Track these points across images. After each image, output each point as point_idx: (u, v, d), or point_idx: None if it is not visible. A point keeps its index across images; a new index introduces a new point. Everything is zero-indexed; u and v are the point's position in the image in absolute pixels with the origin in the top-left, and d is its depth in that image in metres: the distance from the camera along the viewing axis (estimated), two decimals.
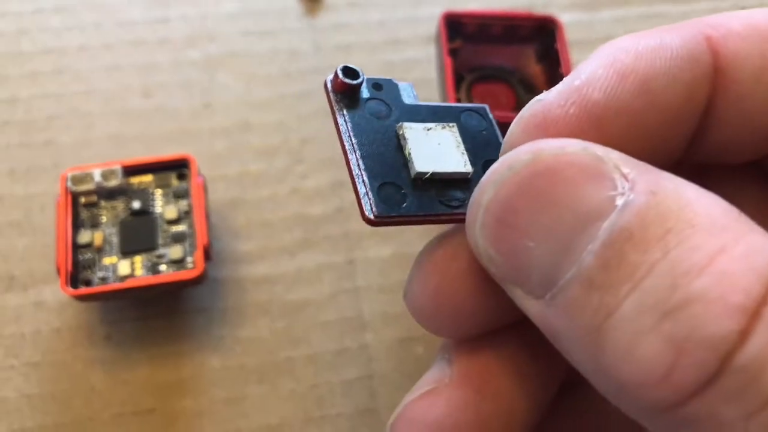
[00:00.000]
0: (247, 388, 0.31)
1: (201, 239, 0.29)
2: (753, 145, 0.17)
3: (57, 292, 0.31)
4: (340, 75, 0.17)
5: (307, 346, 0.31)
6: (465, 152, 0.18)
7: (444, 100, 0.31)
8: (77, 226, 0.30)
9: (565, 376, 0.19)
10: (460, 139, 0.18)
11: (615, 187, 0.14)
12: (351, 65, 0.18)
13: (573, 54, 0.38)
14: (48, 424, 0.29)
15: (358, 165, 0.16)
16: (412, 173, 0.17)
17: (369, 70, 0.37)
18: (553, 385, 0.19)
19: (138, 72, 0.37)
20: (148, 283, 0.28)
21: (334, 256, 0.33)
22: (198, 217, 0.29)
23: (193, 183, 0.30)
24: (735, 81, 0.16)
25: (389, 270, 0.33)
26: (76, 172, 0.30)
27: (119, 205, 0.30)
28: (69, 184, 0.30)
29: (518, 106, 0.33)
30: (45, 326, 0.31)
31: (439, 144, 0.18)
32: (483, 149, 0.18)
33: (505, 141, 0.16)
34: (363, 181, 0.16)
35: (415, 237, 0.34)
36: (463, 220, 0.16)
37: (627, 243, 0.13)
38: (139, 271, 0.29)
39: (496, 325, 0.18)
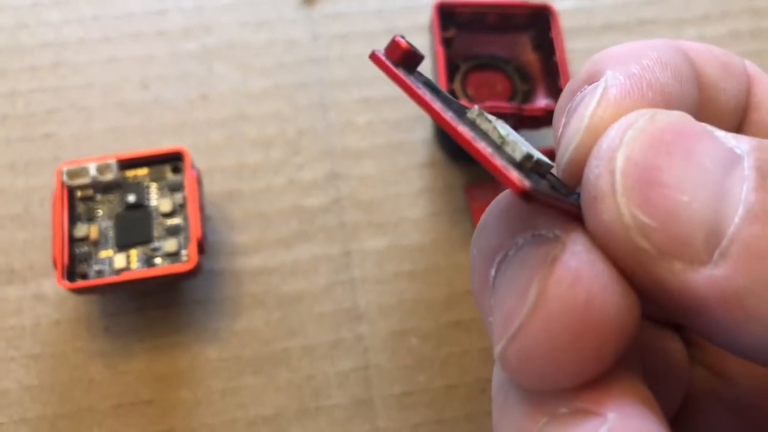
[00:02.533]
0: (243, 378, 0.31)
1: (195, 232, 0.29)
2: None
3: (56, 285, 0.32)
4: (405, 42, 0.14)
5: (303, 337, 0.32)
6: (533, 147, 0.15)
7: None
8: (74, 219, 0.30)
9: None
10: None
11: (726, 142, 0.14)
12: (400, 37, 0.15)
13: (574, 41, 0.38)
14: (48, 415, 0.30)
15: (474, 136, 0.13)
16: (518, 156, 0.14)
17: (366, 60, 0.37)
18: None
19: (136, 64, 0.37)
20: (142, 276, 0.29)
21: (330, 247, 0.33)
22: (192, 211, 0.30)
23: (188, 176, 0.30)
24: (705, 86, 0.17)
25: (385, 261, 0.33)
26: (72, 167, 0.30)
27: (115, 198, 0.31)
28: (65, 178, 0.30)
29: (514, 95, 0.33)
30: (45, 318, 0.31)
31: (514, 133, 0.15)
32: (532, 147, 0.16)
33: (589, 127, 0.15)
34: (493, 152, 0.13)
35: (411, 228, 0.34)
36: (578, 217, 0.14)
37: None
38: (135, 264, 0.30)
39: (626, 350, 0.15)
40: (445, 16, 0.32)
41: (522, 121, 0.30)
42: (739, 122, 0.19)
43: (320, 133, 0.36)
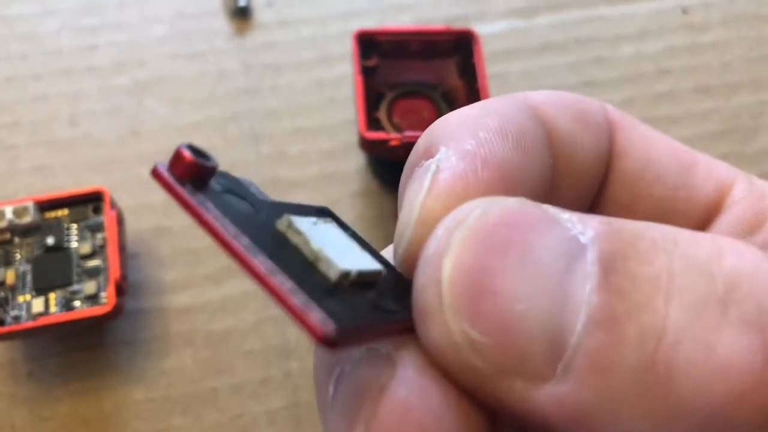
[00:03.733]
0: (170, 419, 0.30)
1: (114, 274, 0.29)
2: (573, 202, 0.17)
3: None
4: (189, 154, 0.12)
5: (231, 375, 0.31)
6: (360, 248, 0.14)
7: (358, 120, 0.31)
8: None
9: None
10: (347, 235, 0.14)
11: (570, 228, 0.12)
12: (196, 146, 0.13)
13: (510, 63, 0.38)
14: None
15: (270, 269, 0.11)
16: (333, 275, 0.12)
17: (300, 88, 0.37)
18: None
19: (65, 101, 0.37)
20: (60, 320, 0.28)
21: None
22: (111, 252, 0.29)
23: (107, 216, 0.30)
24: (558, 141, 0.16)
25: None
26: None
27: (34, 241, 0.30)
28: None
29: None
30: None
31: (333, 240, 0.14)
32: (357, 247, 0.14)
33: (419, 220, 0.14)
34: (293, 289, 0.11)
35: None
36: (407, 329, 0.13)
37: (627, 262, 0.11)
38: (54, 308, 0.29)
39: None
40: (367, 45, 0.32)
41: None
42: (601, 175, 0.18)
43: (252, 164, 0.35)
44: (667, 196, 0.18)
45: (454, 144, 0.14)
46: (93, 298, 0.29)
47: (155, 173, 0.12)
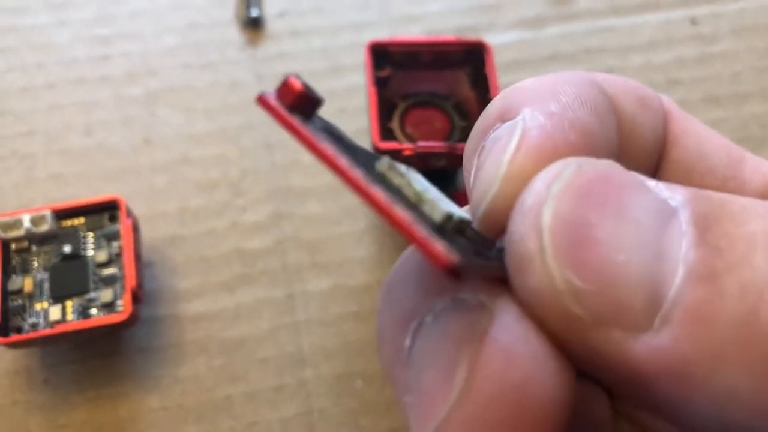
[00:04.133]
0: (185, 427, 0.31)
1: (129, 282, 0.29)
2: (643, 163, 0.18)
3: None
4: (299, 83, 0.12)
5: (245, 383, 0.31)
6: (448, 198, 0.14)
7: (372, 130, 0.31)
8: (8, 272, 0.30)
9: None
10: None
11: (659, 193, 0.12)
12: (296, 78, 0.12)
13: (518, 74, 0.38)
14: None
15: (389, 199, 0.11)
16: (438, 217, 0.12)
17: None
18: None
19: (79, 110, 0.37)
20: (77, 328, 0.28)
21: (274, 290, 0.33)
22: (127, 260, 0.29)
23: (123, 225, 0.30)
24: (621, 119, 0.16)
25: (329, 303, 0.33)
26: (5, 219, 0.30)
27: (51, 249, 0.30)
28: None
29: (452, 132, 0.33)
30: None
31: (429, 187, 0.13)
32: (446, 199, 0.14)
33: (508, 176, 0.14)
34: (417, 220, 0.11)
35: (356, 268, 0.34)
36: (502, 280, 0.13)
37: (721, 223, 0.12)
38: (70, 316, 0.29)
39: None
40: (379, 56, 0.32)
41: (455, 161, 0.30)
42: (657, 160, 0.18)
43: (264, 173, 0.36)
44: (718, 187, 0.17)
45: (539, 105, 0.14)
46: (109, 306, 0.29)
47: (262, 101, 0.12)
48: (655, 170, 0.18)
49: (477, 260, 0.12)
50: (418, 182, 0.12)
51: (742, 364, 0.11)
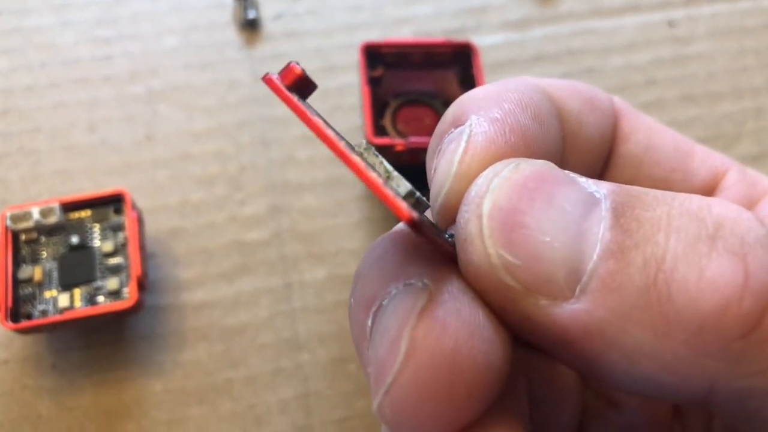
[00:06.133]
0: (187, 410, 0.32)
1: (135, 271, 0.30)
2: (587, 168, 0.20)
3: (2, 326, 0.33)
4: (299, 68, 0.15)
5: (245, 367, 0.33)
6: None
7: (365, 126, 0.33)
8: (18, 262, 0.31)
9: None
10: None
11: (587, 187, 0.15)
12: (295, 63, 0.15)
13: (504, 73, 0.40)
14: None
15: (364, 164, 0.14)
16: (403, 191, 0.15)
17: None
18: None
19: (83, 108, 0.38)
20: (85, 314, 0.30)
21: (271, 279, 0.35)
22: (132, 250, 0.31)
23: (128, 217, 0.32)
24: (567, 121, 0.18)
25: (325, 291, 0.34)
26: (15, 211, 0.31)
27: (59, 240, 0.32)
28: (8, 222, 0.31)
29: None
30: None
31: (394, 170, 0.15)
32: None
33: (457, 174, 0.16)
34: (384, 182, 0.14)
35: (350, 258, 0.35)
36: (454, 254, 0.15)
37: (634, 209, 0.14)
38: (78, 303, 0.31)
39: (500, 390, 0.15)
40: (372, 56, 0.34)
41: None
42: (605, 155, 0.20)
43: (262, 169, 0.37)
44: (665, 178, 0.20)
45: (483, 112, 0.17)
46: (115, 294, 0.31)
47: (267, 80, 0.15)
48: (605, 165, 0.20)
49: (433, 226, 0.15)
50: (389, 164, 0.15)
51: (644, 324, 0.13)
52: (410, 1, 0.42)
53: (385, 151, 0.32)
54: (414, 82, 0.35)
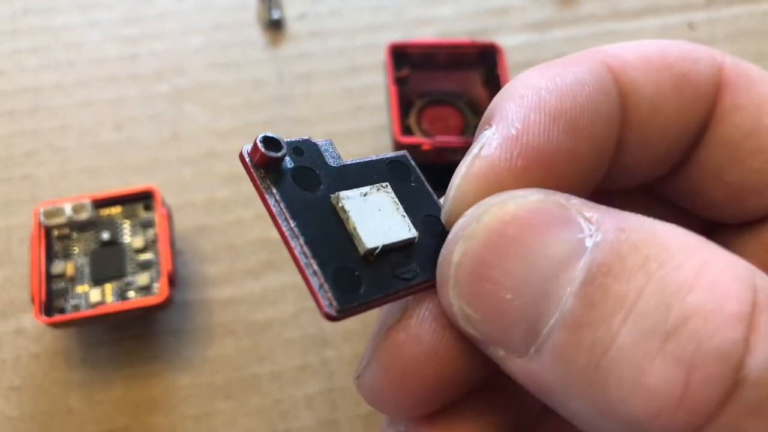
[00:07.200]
0: (215, 404, 0.32)
1: (165, 266, 0.31)
2: (649, 167, 0.18)
3: (35, 320, 0.33)
4: (262, 147, 0.15)
5: (271, 363, 0.33)
6: (405, 214, 0.17)
7: (392, 126, 0.33)
8: (51, 257, 0.32)
9: None
10: (396, 200, 0.17)
11: (582, 230, 0.14)
12: (271, 134, 0.16)
13: None
14: None
15: (305, 253, 0.15)
16: (362, 250, 0.15)
17: (330, 96, 0.39)
18: None
19: (110, 106, 0.39)
20: (117, 309, 0.30)
21: (297, 276, 0.35)
22: (162, 246, 0.31)
23: (158, 213, 0.32)
24: (636, 109, 0.17)
25: None
26: (48, 207, 0.32)
27: (90, 236, 0.32)
28: (42, 218, 0.32)
29: (466, 129, 0.35)
30: (24, 352, 0.33)
31: (379, 210, 0.16)
32: (417, 203, 0.17)
33: (453, 199, 0.16)
34: (314, 271, 0.15)
35: None
36: (420, 290, 0.16)
37: (607, 277, 0.13)
38: (110, 298, 0.31)
39: (460, 395, 0.17)
40: (399, 57, 0.34)
41: None
42: (691, 139, 0.18)
43: None
44: (760, 169, 0.17)
45: (503, 124, 0.16)
46: (146, 289, 0.31)
47: (240, 157, 0.16)
48: (695, 146, 0.18)
49: (376, 293, 0.15)
50: (359, 216, 0.16)
51: (585, 398, 0.13)
52: (432, 2, 0.42)
53: (412, 150, 0.32)
54: (439, 82, 0.35)
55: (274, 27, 0.41)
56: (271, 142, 0.15)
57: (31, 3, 0.41)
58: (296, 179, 0.16)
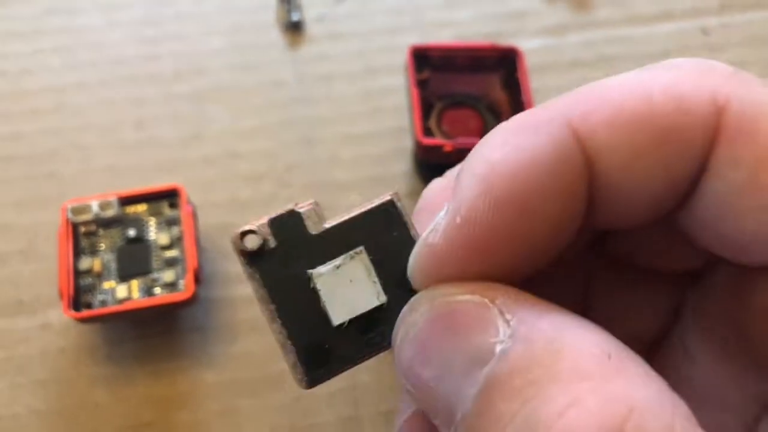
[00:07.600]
0: (239, 400, 0.33)
1: (191, 263, 0.31)
2: (634, 220, 0.17)
3: (61, 315, 0.34)
4: (240, 242, 0.18)
5: None
6: (377, 280, 0.18)
7: (413, 127, 0.34)
8: (78, 253, 0.32)
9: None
10: (370, 265, 0.18)
11: (497, 334, 0.14)
12: (249, 227, 0.18)
13: (542, 78, 0.41)
14: None
15: (282, 333, 0.18)
16: (335, 322, 0.18)
17: (349, 97, 0.40)
18: None
19: (131, 106, 0.39)
20: (143, 305, 0.31)
21: None
22: (188, 243, 0.32)
23: (183, 211, 0.33)
24: (607, 173, 0.16)
25: None
26: (76, 204, 0.32)
27: (116, 233, 0.33)
28: (69, 215, 0.32)
29: (485, 131, 0.35)
30: (51, 347, 0.33)
31: (351, 281, 0.18)
32: (396, 258, 0.18)
33: (410, 273, 0.17)
34: (290, 350, 0.18)
35: None
36: (387, 349, 0.18)
37: (497, 391, 0.14)
38: (136, 294, 0.32)
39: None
40: (420, 59, 0.35)
41: None
42: (680, 194, 0.16)
43: (308, 167, 0.38)
44: (760, 229, 0.15)
45: (452, 207, 0.16)
46: (171, 286, 0.32)
47: (233, 243, 0.18)
48: (686, 198, 0.16)
49: (347, 361, 0.18)
50: (329, 293, 0.18)
51: None
52: (450, 5, 0.43)
53: (434, 151, 0.33)
54: (459, 84, 0.36)
55: (294, 29, 0.42)
56: (250, 234, 0.18)
57: (53, 4, 0.42)
58: (279, 258, 0.18)
